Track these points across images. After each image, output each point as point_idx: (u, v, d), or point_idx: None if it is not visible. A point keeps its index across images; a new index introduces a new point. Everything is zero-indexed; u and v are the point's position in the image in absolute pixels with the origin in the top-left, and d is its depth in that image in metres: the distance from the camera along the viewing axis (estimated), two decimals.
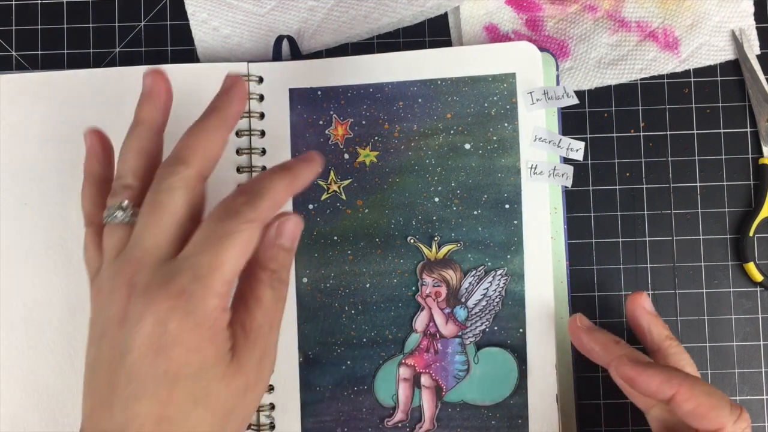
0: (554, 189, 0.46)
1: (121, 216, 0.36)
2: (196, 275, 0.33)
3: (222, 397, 0.34)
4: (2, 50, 0.50)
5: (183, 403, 0.33)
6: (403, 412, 0.45)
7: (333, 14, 0.49)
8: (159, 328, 0.33)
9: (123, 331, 0.33)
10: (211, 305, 0.33)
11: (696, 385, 0.36)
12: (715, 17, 0.49)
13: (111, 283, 0.35)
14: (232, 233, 0.34)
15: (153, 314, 0.33)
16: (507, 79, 0.46)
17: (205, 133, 0.37)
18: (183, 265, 0.34)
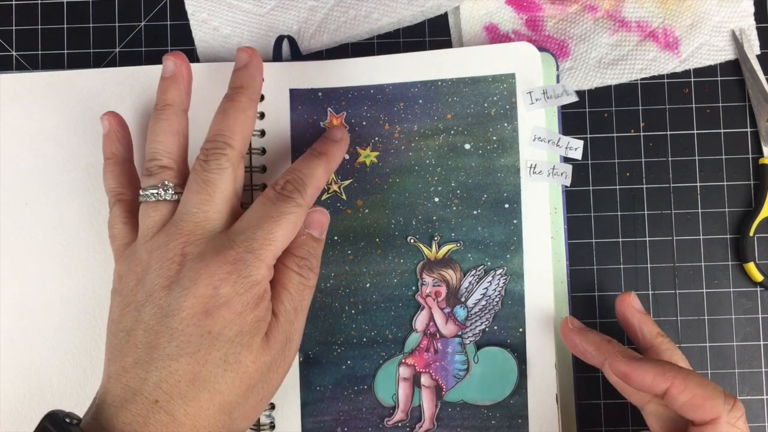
0: (554, 189, 0.46)
1: (165, 194, 0.40)
2: (251, 247, 0.37)
3: (249, 368, 0.37)
4: (2, 50, 0.50)
5: (216, 364, 0.36)
6: (403, 411, 0.46)
7: (333, 14, 0.49)
8: (212, 291, 0.36)
9: (172, 294, 0.36)
10: (261, 275, 0.37)
11: (690, 377, 0.37)
12: (715, 17, 0.49)
13: (159, 252, 0.38)
14: (285, 214, 0.38)
15: (208, 278, 0.36)
16: (507, 79, 0.46)
17: (241, 113, 0.41)
18: (237, 237, 0.37)
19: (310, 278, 0.40)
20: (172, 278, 0.37)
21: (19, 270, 0.47)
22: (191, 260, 0.37)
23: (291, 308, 0.39)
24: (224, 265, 0.36)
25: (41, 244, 0.47)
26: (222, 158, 0.39)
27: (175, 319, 0.36)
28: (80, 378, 0.46)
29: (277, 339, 0.38)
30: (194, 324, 0.36)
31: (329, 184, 0.47)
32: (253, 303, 0.37)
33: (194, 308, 0.36)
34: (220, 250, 0.37)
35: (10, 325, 0.46)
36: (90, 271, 0.46)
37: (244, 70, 0.42)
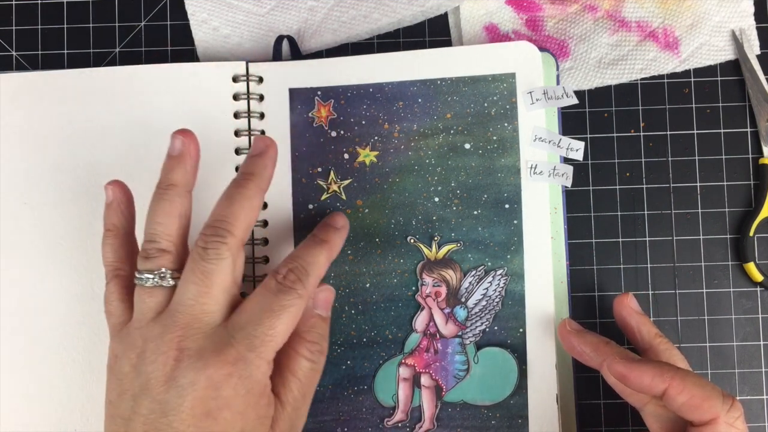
0: (554, 189, 0.46)
1: (162, 282, 0.38)
2: (252, 344, 0.36)
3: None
4: (2, 50, 0.50)
5: None
6: (403, 411, 0.45)
7: (333, 14, 0.49)
8: (212, 392, 0.35)
9: (170, 392, 0.35)
10: (262, 372, 0.36)
11: (687, 377, 0.37)
12: (715, 17, 0.49)
13: (154, 344, 0.36)
14: (286, 307, 0.37)
15: (208, 379, 0.35)
16: (507, 78, 0.46)
17: (247, 201, 0.39)
18: (237, 334, 0.36)
19: (320, 361, 0.40)
20: (168, 375, 0.35)
21: (18, 270, 0.47)
22: (189, 357, 0.35)
23: (299, 395, 0.38)
24: (225, 365, 0.35)
25: (40, 244, 0.47)
26: (222, 247, 0.37)
27: (176, 419, 0.35)
28: (79, 378, 0.46)
29: (282, 429, 0.37)
30: (195, 425, 0.35)
31: (329, 184, 0.47)
32: (255, 402, 0.36)
33: (195, 409, 0.35)
34: (219, 348, 0.36)
35: (8, 324, 0.46)
36: (89, 270, 0.46)
37: (258, 158, 0.40)
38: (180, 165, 0.40)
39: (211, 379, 0.35)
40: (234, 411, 0.35)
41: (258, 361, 0.36)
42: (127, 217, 0.42)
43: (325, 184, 0.46)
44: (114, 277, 0.40)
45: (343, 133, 0.46)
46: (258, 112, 0.47)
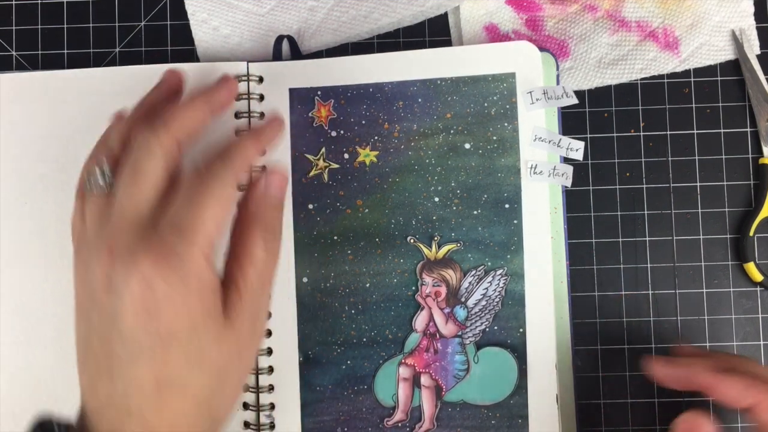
0: (554, 189, 0.46)
1: (100, 179, 0.37)
2: (179, 232, 0.33)
3: (215, 357, 0.34)
4: (2, 50, 0.50)
5: (179, 363, 0.33)
6: (403, 411, 0.45)
7: (333, 14, 0.49)
8: (146, 290, 0.33)
9: (110, 297, 0.33)
10: (197, 262, 0.33)
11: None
12: (715, 17, 0.49)
13: (92, 251, 0.35)
14: (211, 191, 0.35)
15: (138, 275, 0.33)
16: (507, 78, 0.46)
17: (188, 107, 0.38)
18: (167, 228, 0.34)
19: (275, 246, 0.38)
20: (106, 280, 0.34)
21: (18, 269, 0.47)
22: (120, 257, 0.33)
23: (257, 281, 0.36)
24: (152, 258, 0.33)
25: (40, 244, 0.47)
26: (151, 141, 0.36)
27: (121, 325, 0.33)
28: (77, 377, 0.46)
29: (243, 319, 0.35)
30: (140, 327, 0.33)
31: (316, 160, 0.46)
32: (198, 294, 0.34)
33: (134, 308, 0.33)
34: (149, 244, 0.33)
35: (8, 324, 0.46)
36: None
37: (213, 84, 0.41)
38: (155, 88, 0.41)
39: (144, 275, 0.33)
40: (176, 306, 0.33)
41: (191, 252, 0.33)
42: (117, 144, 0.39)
43: (314, 159, 0.46)
44: (78, 192, 0.39)
45: (343, 133, 0.46)
46: (258, 112, 0.47)
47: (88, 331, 0.35)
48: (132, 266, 0.33)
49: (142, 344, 0.33)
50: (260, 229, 0.37)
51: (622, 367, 0.47)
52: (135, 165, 0.35)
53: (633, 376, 0.47)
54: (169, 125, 0.36)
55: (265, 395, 0.46)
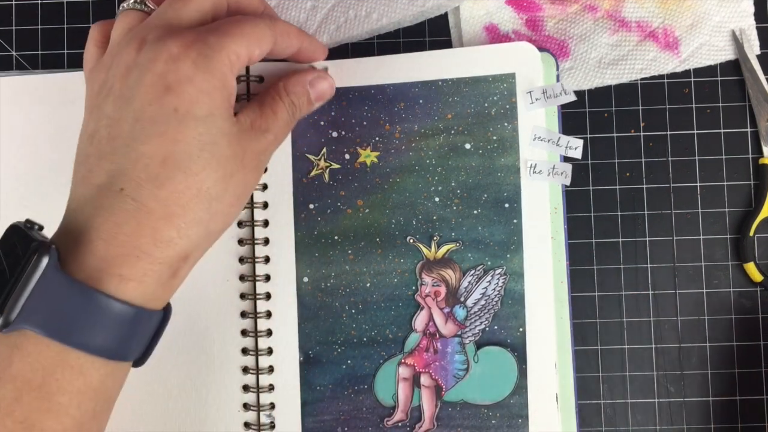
0: (554, 188, 0.46)
1: (138, 4, 0.38)
2: (213, 31, 0.35)
3: (225, 151, 0.35)
4: (2, 50, 0.50)
5: (190, 143, 0.33)
6: (403, 411, 0.46)
7: (333, 14, 0.49)
8: (171, 66, 0.33)
9: (130, 78, 0.34)
10: (224, 60, 0.35)
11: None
12: (716, 17, 0.48)
13: (120, 48, 0.35)
14: (250, 23, 0.36)
15: (166, 54, 0.33)
16: (507, 79, 0.46)
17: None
18: (200, 30, 0.35)
19: (294, 117, 0.41)
20: (130, 64, 0.34)
21: None
22: (150, 43, 0.34)
23: (271, 131, 0.39)
24: (184, 42, 0.34)
25: None
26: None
27: (136, 102, 0.33)
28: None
29: (250, 143, 0.37)
30: (157, 102, 0.33)
31: (318, 159, 0.47)
32: (221, 85, 0.34)
33: (155, 86, 0.33)
34: (179, 32, 0.34)
35: None
36: None
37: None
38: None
39: (170, 51, 0.33)
40: (197, 88, 0.34)
41: (218, 44, 0.34)
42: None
43: (315, 159, 0.46)
44: (96, 24, 0.40)
45: (344, 133, 0.47)
46: None
47: (96, 123, 0.35)
48: (161, 46, 0.34)
49: (156, 119, 0.33)
50: (289, 99, 0.40)
51: (622, 367, 0.47)
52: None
53: (633, 376, 0.47)
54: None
55: (265, 395, 0.46)
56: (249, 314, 0.46)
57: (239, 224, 0.46)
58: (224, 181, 0.35)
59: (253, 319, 0.46)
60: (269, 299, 0.46)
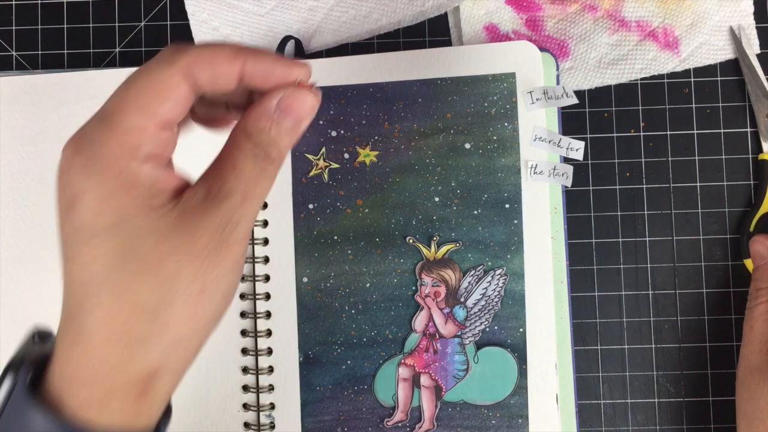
0: (554, 189, 0.46)
1: None
2: (100, 116, 0.30)
3: (155, 253, 0.29)
4: (2, 50, 0.50)
5: (110, 259, 0.29)
6: (403, 412, 0.45)
7: (333, 14, 0.49)
8: (64, 180, 0.30)
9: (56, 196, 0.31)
10: (115, 147, 0.29)
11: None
12: (715, 16, 0.49)
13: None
14: (146, 73, 0.29)
15: (60, 166, 0.30)
16: (507, 78, 0.46)
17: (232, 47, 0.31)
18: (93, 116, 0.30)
19: (268, 168, 0.31)
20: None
21: (17, 273, 0.47)
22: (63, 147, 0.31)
23: (237, 190, 0.30)
24: (71, 144, 0.30)
25: (39, 247, 0.47)
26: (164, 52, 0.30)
27: (58, 225, 0.30)
28: None
29: (205, 221, 0.29)
30: (64, 224, 0.30)
31: (317, 159, 0.46)
32: (122, 184, 0.29)
33: (60, 206, 0.30)
34: (79, 131, 0.30)
35: (7, 327, 0.46)
36: None
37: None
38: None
39: (62, 164, 0.30)
40: (95, 196, 0.29)
41: (104, 133, 0.29)
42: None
43: (314, 159, 0.46)
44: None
45: (343, 132, 0.47)
46: None
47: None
48: (60, 157, 0.31)
49: (66, 242, 0.30)
50: (252, 143, 0.31)
51: (623, 367, 0.47)
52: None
53: (633, 376, 0.47)
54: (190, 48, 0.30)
55: (265, 395, 0.46)
56: (249, 314, 0.46)
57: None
58: (164, 285, 0.29)
59: (253, 319, 0.46)
60: (269, 299, 0.46)
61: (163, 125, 0.30)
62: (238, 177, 0.30)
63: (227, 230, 0.30)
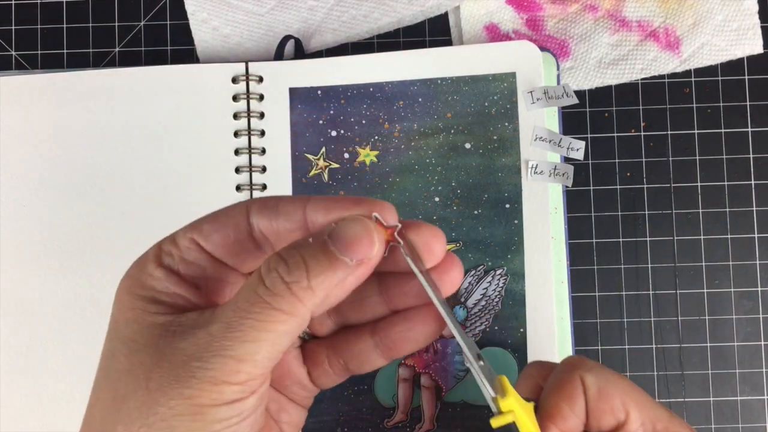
0: (554, 189, 0.46)
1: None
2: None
3: (120, 370, 0.26)
4: (2, 50, 0.50)
5: (101, 362, 0.28)
6: (403, 412, 0.45)
7: (333, 14, 0.49)
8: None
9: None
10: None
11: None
12: (718, 15, 0.48)
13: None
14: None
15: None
16: (507, 78, 0.46)
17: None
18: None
19: (269, 303, 0.24)
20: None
21: (16, 272, 0.47)
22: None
23: (224, 318, 0.25)
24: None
25: (38, 247, 0.47)
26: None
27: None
28: (76, 380, 0.46)
29: (171, 350, 0.25)
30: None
31: (317, 159, 0.46)
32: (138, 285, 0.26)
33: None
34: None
35: (6, 327, 0.46)
36: (87, 273, 0.46)
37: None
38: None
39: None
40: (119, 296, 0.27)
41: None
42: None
43: (314, 159, 0.46)
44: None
45: (343, 132, 0.46)
46: (258, 112, 0.47)
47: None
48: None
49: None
50: (258, 271, 0.25)
51: (623, 367, 0.47)
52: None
53: (633, 376, 0.47)
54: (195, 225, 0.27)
55: None
56: None
57: None
58: (112, 406, 0.25)
59: None
60: None
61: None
62: (232, 303, 0.25)
63: (192, 367, 0.24)
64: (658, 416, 0.31)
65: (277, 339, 0.24)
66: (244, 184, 0.46)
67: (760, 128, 0.48)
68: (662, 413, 0.31)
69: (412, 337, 0.29)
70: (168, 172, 0.46)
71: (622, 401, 0.30)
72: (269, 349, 0.24)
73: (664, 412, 0.31)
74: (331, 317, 0.31)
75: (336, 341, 0.31)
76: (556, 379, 0.32)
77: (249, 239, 0.27)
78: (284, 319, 0.24)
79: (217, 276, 0.28)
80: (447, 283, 0.28)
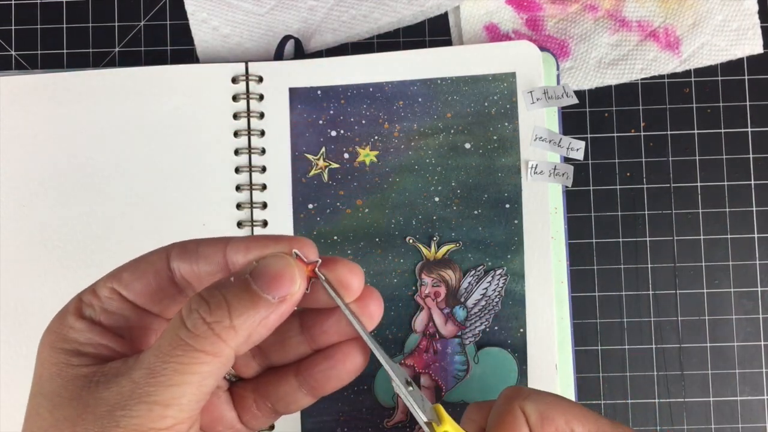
0: (554, 189, 0.46)
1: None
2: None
3: (43, 425, 0.25)
4: (2, 50, 0.50)
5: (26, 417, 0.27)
6: (403, 412, 0.45)
7: (333, 14, 0.49)
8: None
9: None
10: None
11: None
12: (718, 15, 0.48)
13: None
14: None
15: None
16: (507, 78, 0.46)
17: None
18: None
19: (198, 340, 0.24)
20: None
21: (16, 272, 0.47)
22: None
23: (145, 364, 0.25)
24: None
25: (38, 246, 0.47)
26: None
27: None
28: None
29: (94, 400, 0.25)
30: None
31: (316, 159, 0.46)
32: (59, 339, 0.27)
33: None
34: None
35: (5, 326, 0.46)
36: (87, 273, 0.46)
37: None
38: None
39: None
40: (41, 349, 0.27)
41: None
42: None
43: (314, 159, 0.46)
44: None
45: (343, 132, 0.46)
46: (258, 112, 0.47)
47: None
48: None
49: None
50: (197, 299, 0.25)
51: (622, 367, 0.47)
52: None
53: (633, 376, 0.47)
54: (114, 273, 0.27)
55: None
56: None
57: (238, 225, 0.46)
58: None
59: None
60: None
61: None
62: (154, 347, 0.25)
63: (116, 416, 0.24)
64: (602, 428, 0.32)
65: (201, 381, 0.24)
66: (244, 184, 0.46)
67: (760, 128, 0.48)
68: (605, 425, 0.32)
69: (334, 374, 0.29)
70: (168, 172, 0.46)
71: (566, 420, 0.31)
72: (194, 392, 0.24)
73: (607, 423, 0.32)
74: (256, 358, 0.31)
75: (261, 383, 0.31)
76: (496, 413, 0.33)
77: (171, 285, 0.28)
78: (208, 360, 0.24)
79: (141, 323, 0.28)
80: (366, 315, 0.29)
